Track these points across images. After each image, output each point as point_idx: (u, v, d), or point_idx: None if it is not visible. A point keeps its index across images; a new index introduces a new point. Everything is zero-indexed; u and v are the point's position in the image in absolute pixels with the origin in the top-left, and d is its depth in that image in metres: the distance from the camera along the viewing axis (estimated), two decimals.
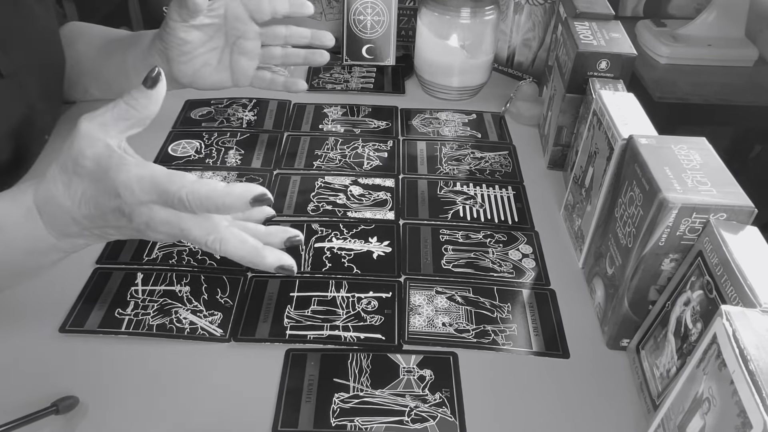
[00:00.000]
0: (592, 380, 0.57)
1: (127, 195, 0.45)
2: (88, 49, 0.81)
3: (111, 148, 0.46)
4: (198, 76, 0.74)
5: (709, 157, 0.55)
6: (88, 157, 0.46)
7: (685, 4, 1.30)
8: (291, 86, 0.78)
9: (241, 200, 0.44)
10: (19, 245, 0.50)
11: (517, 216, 0.74)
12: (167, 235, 0.47)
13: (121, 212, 0.46)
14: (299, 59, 0.76)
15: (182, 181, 0.44)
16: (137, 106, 0.46)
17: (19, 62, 0.69)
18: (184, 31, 0.70)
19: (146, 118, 0.47)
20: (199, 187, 0.44)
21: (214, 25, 0.71)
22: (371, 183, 0.78)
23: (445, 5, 0.89)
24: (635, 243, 0.54)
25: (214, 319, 0.60)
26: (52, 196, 0.48)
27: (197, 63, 0.73)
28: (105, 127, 0.46)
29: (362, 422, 0.52)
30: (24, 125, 0.70)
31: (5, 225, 0.49)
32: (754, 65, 1.18)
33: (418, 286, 0.64)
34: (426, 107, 0.94)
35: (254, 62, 0.75)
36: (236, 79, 0.76)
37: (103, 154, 0.46)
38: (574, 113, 0.77)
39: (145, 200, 0.45)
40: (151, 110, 0.47)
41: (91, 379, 0.54)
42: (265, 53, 0.75)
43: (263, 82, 0.77)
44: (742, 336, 0.39)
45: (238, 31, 0.72)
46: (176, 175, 0.45)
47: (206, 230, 0.46)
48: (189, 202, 0.44)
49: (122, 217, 0.47)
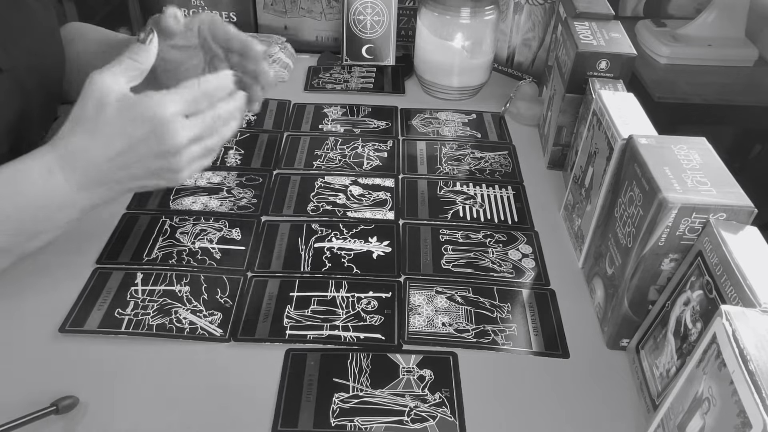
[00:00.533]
0: (592, 380, 0.57)
1: (160, 109, 0.52)
2: (86, 50, 0.81)
3: (126, 88, 0.54)
4: None
5: (709, 157, 0.55)
6: (110, 97, 0.52)
7: (685, 4, 1.30)
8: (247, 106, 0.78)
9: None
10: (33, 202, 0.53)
11: (516, 216, 0.74)
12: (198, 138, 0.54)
13: (154, 136, 0.52)
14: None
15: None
16: (139, 59, 0.55)
17: (17, 59, 0.69)
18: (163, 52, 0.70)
19: (145, 70, 0.56)
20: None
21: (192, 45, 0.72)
22: (371, 183, 0.78)
23: (445, 5, 0.89)
24: (635, 243, 0.54)
25: (214, 319, 0.60)
26: (77, 144, 0.53)
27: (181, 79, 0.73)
28: (115, 77, 0.54)
29: (362, 422, 0.52)
30: (22, 121, 0.71)
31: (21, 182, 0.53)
32: (754, 65, 1.18)
33: (418, 286, 0.64)
34: (426, 107, 0.94)
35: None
36: None
37: (123, 91, 0.53)
38: (574, 113, 0.77)
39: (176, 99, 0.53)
40: (150, 60, 0.56)
41: (91, 379, 0.54)
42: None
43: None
44: (742, 336, 0.39)
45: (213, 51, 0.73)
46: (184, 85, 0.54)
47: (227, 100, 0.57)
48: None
49: (155, 143, 0.52)
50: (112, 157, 0.53)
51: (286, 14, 1.04)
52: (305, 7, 1.03)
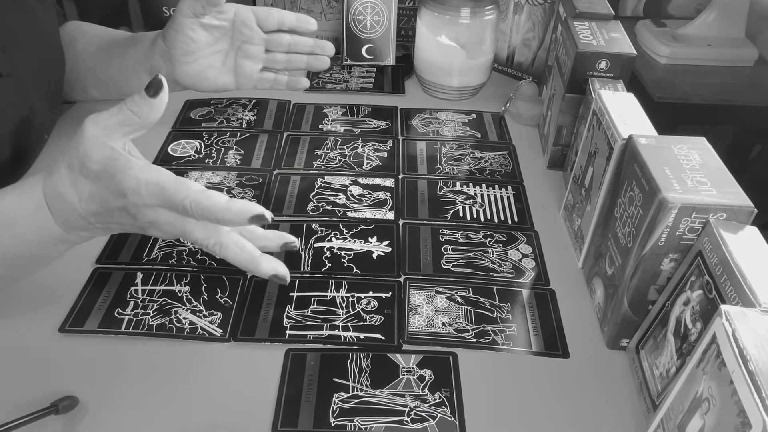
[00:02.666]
0: (592, 380, 0.57)
1: (134, 197, 0.47)
2: (86, 49, 0.81)
3: (116, 151, 0.48)
4: (201, 78, 0.74)
5: (708, 157, 0.55)
6: (93, 160, 0.47)
7: (685, 4, 1.30)
8: (294, 84, 0.79)
9: (239, 217, 0.46)
10: (31, 237, 0.51)
11: (516, 216, 0.74)
12: (170, 234, 0.49)
13: (126, 211, 0.48)
14: (302, 64, 0.78)
15: (186, 191, 0.46)
16: (139, 113, 0.47)
17: (19, 62, 0.69)
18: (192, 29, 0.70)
19: (149, 124, 0.49)
20: (202, 198, 0.46)
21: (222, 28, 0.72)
22: (371, 183, 0.78)
23: (445, 5, 0.89)
24: (635, 243, 0.54)
25: (214, 319, 0.60)
26: (60, 192, 0.49)
27: (202, 64, 0.73)
28: (109, 131, 0.47)
29: (362, 422, 0.52)
30: (24, 125, 0.71)
31: (17, 219, 0.51)
32: (754, 65, 1.18)
33: (418, 286, 0.64)
34: (426, 107, 0.94)
35: (258, 65, 0.76)
36: (240, 81, 0.77)
37: (108, 156, 0.47)
38: (574, 113, 0.77)
39: (151, 203, 0.47)
40: (153, 117, 0.48)
41: (91, 379, 0.54)
42: (269, 58, 0.77)
43: (267, 83, 0.78)
44: (742, 336, 0.39)
45: (244, 36, 0.73)
46: (182, 183, 0.47)
47: (208, 234, 0.48)
48: (192, 211, 0.46)
49: (127, 216, 0.49)
50: (87, 215, 0.50)
51: None
52: (305, 7, 1.03)
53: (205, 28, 0.70)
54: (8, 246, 0.51)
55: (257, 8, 0.73)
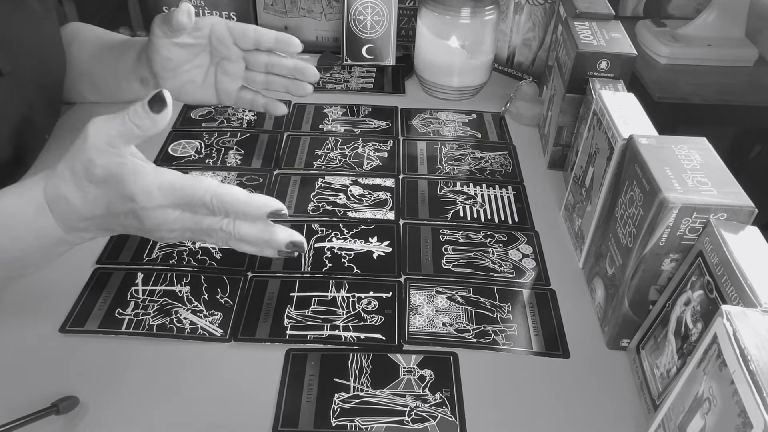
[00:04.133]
0: (593, 380, 0.57)
1: (145, 200, 0.48)
2: (80, 53, 0.81)
3: (122, 156, 0.48)
4: (183, 92, 0.74)
5: (709, 157, 0.55)
6: (99, 166, 0.47)
7: (685, 4, 1.30)
8: (271, 109, 0.77)
9: (259, 211, 0.48)
10: (30, 239, 0.51)
11: (517, 216, 0.74)
12: (180, 231, 0.50)
13: (133, 214, 0.49)
14: (281, 88, 0.76)
15: (206, 187, 0.48)
16: (142, 127, 0.47)
17: (19, 62, 0.69)
18: (167, 49, 0.70)
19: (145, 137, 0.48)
20: (222, 192, 0.48)
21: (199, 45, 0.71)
22: (371, 183, 0.78)
23: (445, 5, 0.89)
24: (635, 243, 0.54)
25: (215, 319, 0.60)
26: (63, 195, 0.49)
27: (182, 79, 0.73)
28: (111, 139, 0.47)
29: (362, 422, 0.52)
30: (24, 124, 0.71)
31: (17, 219, 0.50)
32: (754, 65, 1.18)
33: (418, 286, 0.64)
34: (426, 107, 0.94)
35: (237, 83, 0.75)
36: (220, 97, 0.76)
37: (114, 162, 0.47)
38: (574, 113, 0.77)
39: (164, 204, 0.48)
40: (156, 130, 0.48)
41: (91, 379, 0.54)
42: (248, 77, 0.75)
43: (244, 102, 0.76)
44: (743, 336, 0.39)
45: (222, 53, 0.72)
46: (197, 180, 0.48)
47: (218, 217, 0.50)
48: (212, 205, 0.48)
49: (133, 219, 0.49)
50: (91, 217, 0.50)
51: (286, 14, 1.04)
52: (305, 7, 1.03)
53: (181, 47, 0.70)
54: (8, 247, 0.51)
55: (234, 25, 0.71)
